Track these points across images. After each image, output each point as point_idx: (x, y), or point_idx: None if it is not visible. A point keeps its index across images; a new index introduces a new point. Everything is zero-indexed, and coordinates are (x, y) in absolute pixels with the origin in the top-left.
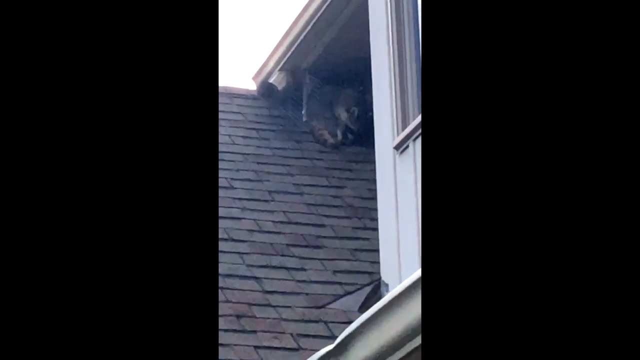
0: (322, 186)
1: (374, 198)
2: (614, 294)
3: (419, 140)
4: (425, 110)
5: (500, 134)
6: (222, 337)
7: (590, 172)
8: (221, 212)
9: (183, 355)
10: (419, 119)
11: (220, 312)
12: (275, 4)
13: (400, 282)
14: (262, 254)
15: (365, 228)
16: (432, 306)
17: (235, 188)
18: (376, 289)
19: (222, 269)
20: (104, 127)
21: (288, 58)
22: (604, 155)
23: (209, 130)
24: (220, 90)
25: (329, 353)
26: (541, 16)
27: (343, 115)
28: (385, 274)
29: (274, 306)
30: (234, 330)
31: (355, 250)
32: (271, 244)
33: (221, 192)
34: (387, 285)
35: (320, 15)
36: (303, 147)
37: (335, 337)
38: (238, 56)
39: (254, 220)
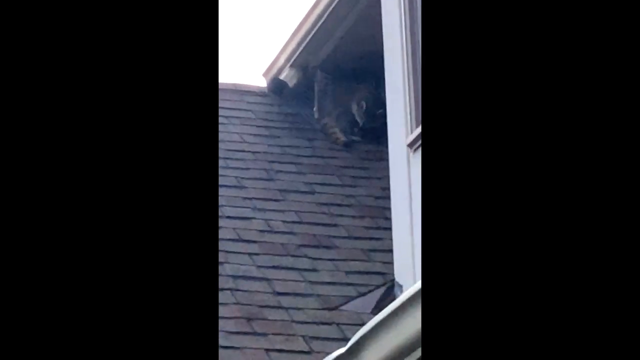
0: (334, 185)
1: (387, 197)
2: (614, 294)
3: None
4: (426, 113)
5: (500, 134)
6: (232, 340)
7: (590, 173)
8: (231, 212)
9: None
10: None
11: (230, 314)
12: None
13: (415, 282)
14: (273, 254)
15: (378, 228)
16: (433, 314)
17: (246, 187)
18: (390, 290)
19: (232, 270)
20: (103, 121)
21: (299, 54)
22: (604, 156)
23: (209, 127)
24: (229, 87)
25: (341, 356)
26: (541, 14)
27: (355, 113)
28: (399, 275)
29: (285, 308)
30: (245, 333)
31: (369, 250)
32: (282, 244)
33: (231, 192)
34: (401, 286)
35: (332, 11)
36: (314, 145)
37: (347, 340)
38: (248, 52)
39: (265, 220)
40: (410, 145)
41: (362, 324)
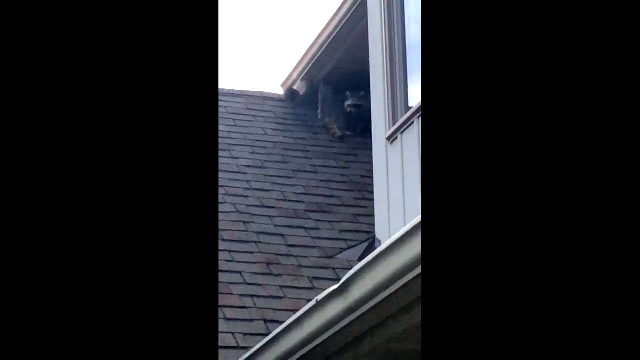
0: (332, 167)
1: (371, 176)
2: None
3: (406, 133)
4: (425, 95)
5: (498, 121)
6: (256, 279)
7: (588, 161)
8: (257, 185)
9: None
10: (405, 116)
11: (255, 260)
12: (297, 29)
13: (389, 238)
14: (286, 217)
15: (364, 199)
16: (432, 250)
17: (267, 167)
18: (372, 244)
19: (257, 228)
20: (108, 124)
21: (308, 71)
22: (600, 147)
23: (209, 128)
24: (256, 94)
25: (335, 291)
26: (539, 11)
27: (349, 114)
28: (379, 233)
29: (295, 256)
30: (265, 274)
31: (356, 215)
32: (293, 209)
33: (257, 171)
34: (379, 241)
35: (333, 39)
36: (318, 138)
37: (340, 280)
38: (270, 69)
39: (281, 192)
40: (388, 138)
41: (351, 268)
